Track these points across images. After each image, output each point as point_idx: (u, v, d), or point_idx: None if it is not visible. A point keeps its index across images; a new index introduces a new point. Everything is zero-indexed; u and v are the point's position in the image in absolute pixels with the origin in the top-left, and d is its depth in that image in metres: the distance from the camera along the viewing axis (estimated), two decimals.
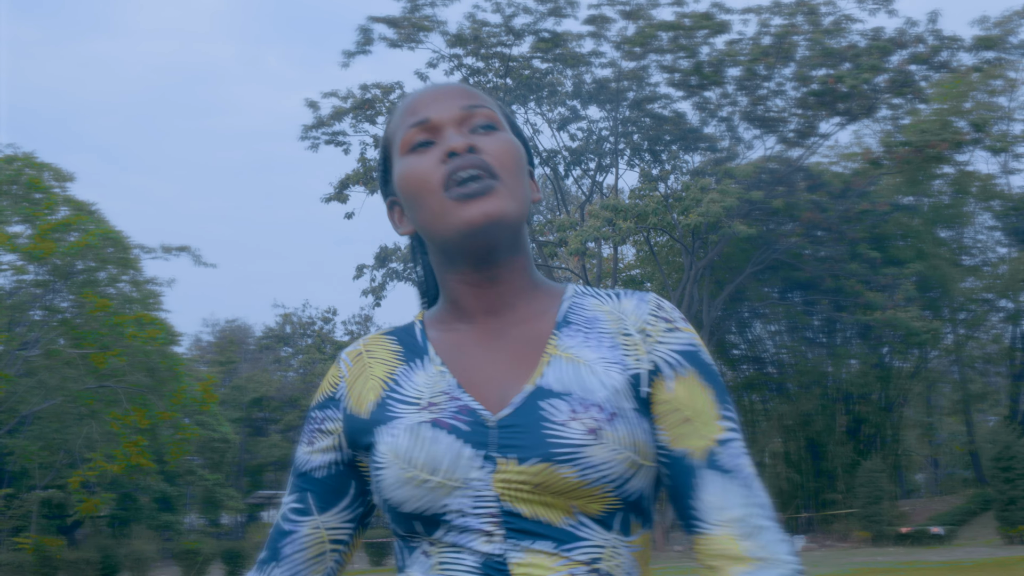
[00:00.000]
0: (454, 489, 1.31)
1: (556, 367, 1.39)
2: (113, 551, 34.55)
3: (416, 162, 1.43)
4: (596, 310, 1.48)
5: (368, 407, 1.42)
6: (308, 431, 1.48)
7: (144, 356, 29.24)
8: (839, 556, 28.92)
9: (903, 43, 30.33)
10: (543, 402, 1.34)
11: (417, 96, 1.49)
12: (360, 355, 1.50)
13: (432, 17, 31.48)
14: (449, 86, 1.49)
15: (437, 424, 1.34)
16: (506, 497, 1.31)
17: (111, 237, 30.01)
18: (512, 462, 1.31)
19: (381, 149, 1.56)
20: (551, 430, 1.31)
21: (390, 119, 1.53)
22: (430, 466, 1.31)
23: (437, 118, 1.45)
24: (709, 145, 33.86)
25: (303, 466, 1.49)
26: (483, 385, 1.39)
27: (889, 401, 39.15)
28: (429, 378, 1.41)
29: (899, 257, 35.05)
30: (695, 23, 30.63)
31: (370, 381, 1.45)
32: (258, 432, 55.45)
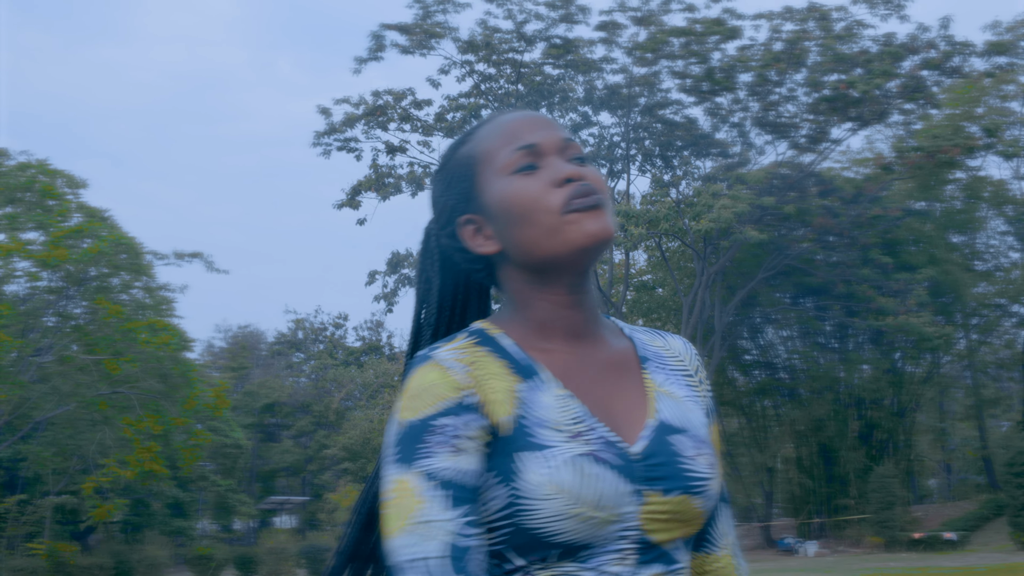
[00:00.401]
0: (610, 523, 1.35)
1: (664, 402, 1.47)
2: (126, 557, 34.65)
3: (525, 184, 1.46)
4: (655, 347, 1.57)
5: (505, 421, 1.38)
6: (444, 440, 1.35)
7: (157, 362, 29.33)
8: (852, 562, 28.89)
9: (915, 48, 30.29)
10: (670, 437, 1.43)
11: (515, 121, 1.52)
12: (472, 364, 1.41)
13: (444, 24, 31.54)
14: (543, 115, 1.54)
15: (596, 458, 1.35)
16: (645, 526, 1.37)
17: (124, 243, 30.10)
18: (657, 494, 1.38)
19: (458, 168, 1.56)
20: (685, 464, 1.41)
21: (470, 140, 1.56)
22: (596, 503, 1.33)
23: (544, 145, 1.49)
24: (721, 151, 33.85)
25: (456, 476, 1.34)
26: (607, 413, 1.42)
27: (901, 406, 39.07)
28: (556, 401, 1.40)
29: (911, 262, 34.98)
30: (707, 29, 30.62)
31: (496, 394, 1.39)
32: (270, 438, 55.54)
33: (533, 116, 1.53)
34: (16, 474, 35.31)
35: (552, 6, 31.36)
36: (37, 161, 30.31)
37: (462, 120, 32.83)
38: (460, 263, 1.59)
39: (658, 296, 40.08)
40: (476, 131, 1.57)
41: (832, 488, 37.55)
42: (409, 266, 33.01)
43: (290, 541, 38.69)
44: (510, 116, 1.54)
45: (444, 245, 1.60)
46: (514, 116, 1.54)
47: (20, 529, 32.83)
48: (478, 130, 1.57)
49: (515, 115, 1.54)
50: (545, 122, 1.52)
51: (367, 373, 56.12)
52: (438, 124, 33.08)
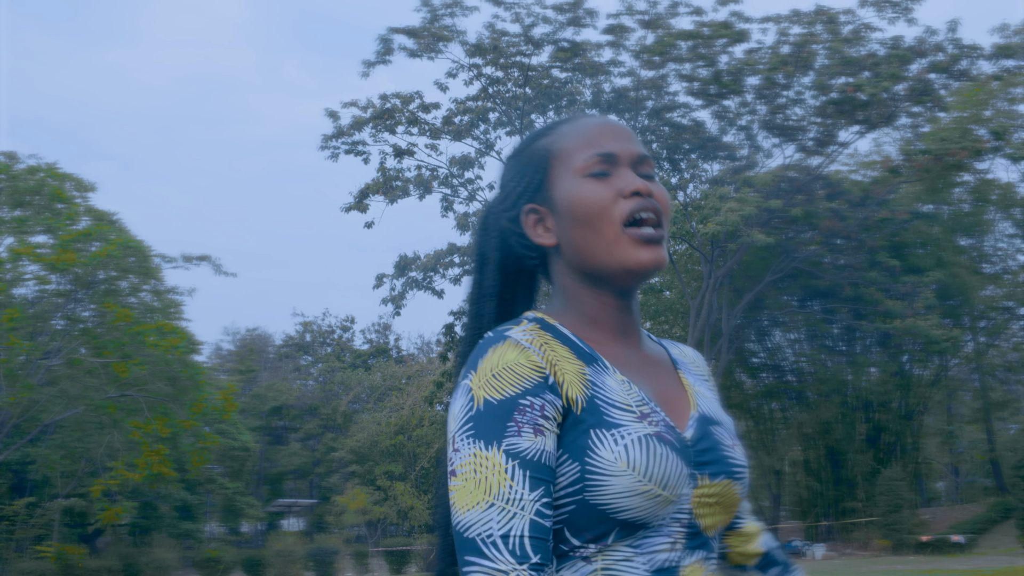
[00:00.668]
0: (671, 503, 1.41)
1: (700, 398, 1.58)
2: (134, 559, 34.71)
3: (595, 188, 1.52)
4: (675, 353, 1.70)
5: (579, 400, 1.41)
6: (528, 420, 1.37)
7: (165, 365, 29.40)
8: (859, 564, 28.88)
9: (923, 52, 30.29)
10: (712, 427, 1.53)
11: (596, 126, 1.58)
12: (544, 346, 1.45)
13: (452, 27, 31.56)
14: (624, 126, 1.60)
15: (662, 439, 1.42)
16: (696, 510, 1.45)
17: (132, 247, 30.18)
18: (706, 478, 1.46)
19: (534, 158, 1.61)
20: (727, 452, 1.52)
21: (550, 133, 1.62)
22: (663, 481, 1.40)
23: (621, 155, 1.55)
24: (728, 154, 33.86)
25: (539, 456, 1.37)
26: (661, 401, 1.50)
27: (909, 409, 39.06)
28: (620, 386, 1.47)
29: (919, 265, 34.97)
30: (714, 32, 30.63)
31: (568, 375, 1.43)
32: (278, 441, 55.61)
33: (615, 125, 1.59)
34: (25, 477, 35.40)
35: (559, 10, 31.38)
36: (46, 165, 30.42)
37: (470, 123, 32.87)
38: (516, 247, 1.64)
39: (665, 299, 40.10)
40: (557, 127, 1.62)
41: (840, 491, 37.55)
42: (416, 269, 33.03)
43: (298, 544, 38.70)
44: (593, 120, 1.59)
45: (504, 227, 1.64)
46: (597, 121, 1.59)
47: (28, 532, 32.94)
48: (559, 126, 1.62)
49: (598, 120, 1.59)
50: (625, 133, 1.58)
51: (374, 376, 56.15)
52: (446, 127, 33.13)
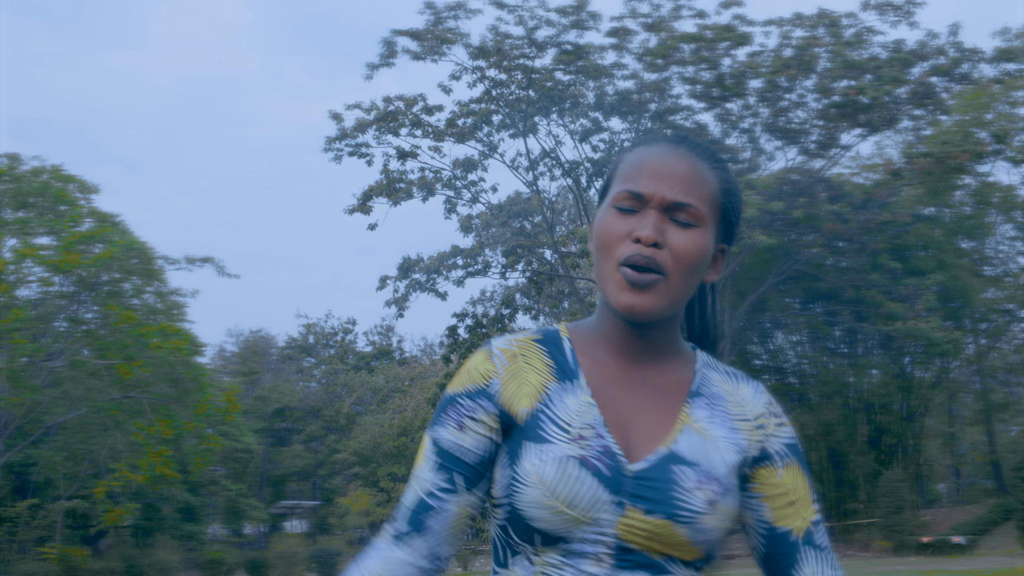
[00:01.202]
0: (584, 523, 1.48)
1: (688, 436, 1.58)
2: (137, 561, 34.76)
3: (614, 222, 1.59)
4: (720, 387, 1.68)
5: (521, 412, 1.56)
6: (456, 416, 1.58)
7: (168, 367, 29.45)
8: (860, 566, 28.93)
9: (924, 55, 30.36)
10: (676, 466, 1.54)
11: (650, 161, 1.61)
12: (515, 356, 1.61)
13: (455, 30, 31.62)
14: (680, 165, 1.60)
15: (584, 463, 1.50)
16: (623, 536, 1.49)
17: (136, 248, 30.24)
18: (639, 512, 1.50)
19: (609, 173, 1.69)
20: (679, 494, 1.51)
21: (631, 152, 1.66)
22: (570, 502, 1.48)
23: (648, 196, 1.58)
24: (731, 156, 33.90)
25: (451, 448, 1.57)
26: (624, 429, 1.55)
27: (911, 411, 39.11)
28: (579, 406, 1.56)
29: (920, 268, 35.03)
30: (717, 35, 30.70)
31: (524, 387, 1.58)
32: (281, 442, 55.66)
33: (667, 164, 1.59)
34: (27, 479, 35.42)
35: (563, 12, 31.44)
36: (50, 166, 30.48)
37: (473, 126, 32.93)
38: None
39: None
40: (634, 147, 1.67)
41: (841, 492, 37.59)
42: (419, 271, 33.10)
43: (301, 545, 38.81)
44: (653, 153, 1.62)
45: None
46: (655, 155, 1.61)
47: (31, 533, 32.95)
48: (635, 147, 1.67)
49: (656, 154, 1.61)
50: (672, 174, 1.58)
51: (377, 378, 56.22)
52: (449, 130, 33.19)
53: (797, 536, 1.62)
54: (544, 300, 41.71)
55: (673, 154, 1.61)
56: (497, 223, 33.22)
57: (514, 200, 33.49)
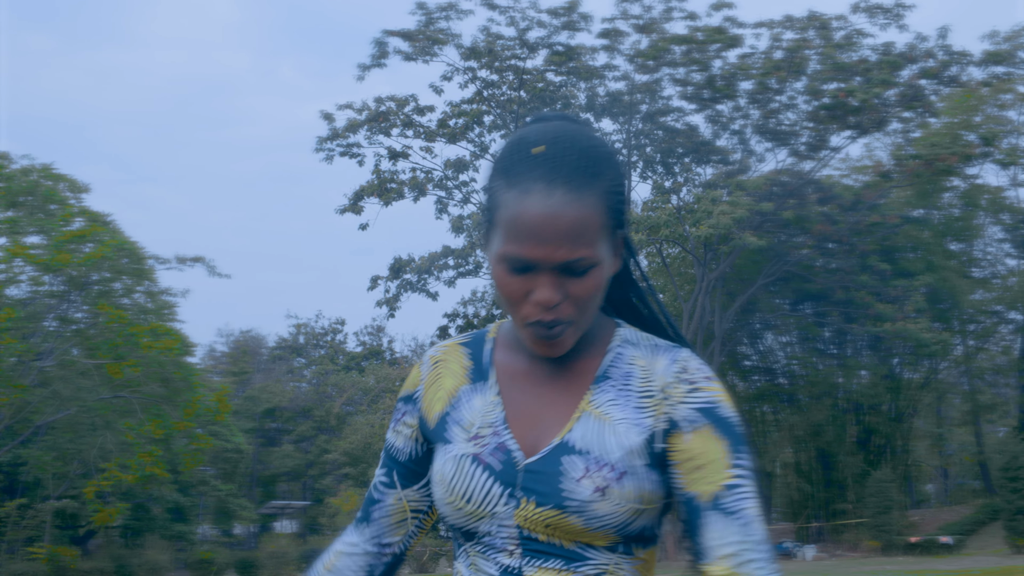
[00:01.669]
0: (482, 517, 1.56)
1: (584, 424, 1.57)
2: (127, 561, 34.69)
3: (509, 282, 1.53)
4: (633, 364, 1.63)
5: (434, 417, 1.66)
6: (394, 418, 1.74)
7: (159, 366, 29.32)
8: (849, 565, 29.05)
9: (913, 58, 30.52)
10: (564, 457, 1.54)
11: (527, 211, 1.48)
12: (438, 363, 1.70)
13: (447, 31, 31.70)
14: (562, 216, 1.47)
15: (477, 459, 1.57)
16: (525, 527, 1.54)
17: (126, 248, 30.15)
18: (532, 504, 1.53)
19: (486, 202, 1.59)
20: (565, 484, 1.52)
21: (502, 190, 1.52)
22: (465, 497, 1.56)
23: (536, 261, 1.49)
24: (721, 158, 34.04)
25: (389, 447, 1.74)
26: (525, 426, 1.59)
27: (899, 412, 39.26)
28: (484, 406, 1.62)
29: (909, 269, 35.18)
30: (708, 37, 30.83)
31: (440, 392, 1.67)
32: (271, 443, 55.60)
33: (549, 219, 1.47)
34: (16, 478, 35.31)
35: (555, 14, 31.54)
36: (40, 165, 30.40)
37: (464, 126, 32.98)
38: None
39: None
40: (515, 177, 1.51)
41: (830, 493, 37.72)
42: (411, 271, 33.13)
43: (291, 545, 38.78)
44: (532, 201, 1.48)
45: None
46: (535, 207, 1.48)
47: (20, 533, 32.85)
48: (516, 179, 1.51)
49: (537, 204, 1.48)
50: (561, 234, 1.47)
51: (368, 378, 56.20)
52: (440, 130, 33.25)
53: (702, 501, 1.55)
54: None
55: (551, 202, 1.47)
56: None
57: None
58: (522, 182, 1.49)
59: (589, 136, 1.55)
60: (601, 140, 1.56)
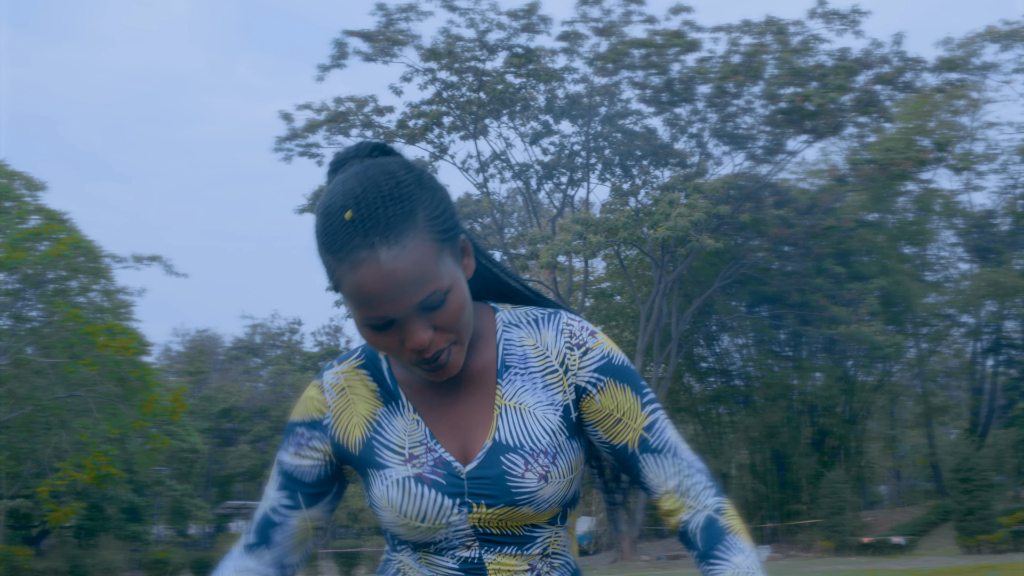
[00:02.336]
0: (438, 530, 1.62)
1: (507, 419, 1.64)
2: (81, 561, 34.46)
3: (379, 339, 1.54)
4: (525, 344, 1.70)
5: (355, 443, 1.66)
6: (294, 442, 1.70)
7: (115, 366, 29.15)
8: (802, 565, 29.28)
9: (869, 64, 30.83)
10: (503, 456, 1.61)
11: (361, 284, 1.48)
12: (344, 390, 1.68)
13: (407, 32, 31.72)
14: (393, 274, 1.47)
15: (421, 479, 1.60)
16: (479, 525, 1.63)
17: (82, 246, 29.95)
18: (483, 506, 1.61)
19: (329, 269, 1.54)
20: (512, 482, 1.60)
21: (334, 254, 1.50)
22: (419, 516, 1.60)
23: (396, 315, 1.50)
24: (679, 161, 34.23)
25: (292, 470, 1.70)
26: (450, 435, 1.65)
27: (853, 413, 39.60)
28: (406, 425, 1.65)
29: (864, 272, 35.51)
30: (666, 41, 31.02)
31: (355, 418, 1.67)
32: (227, 443, 55.33)
33: (384, 283, 1.48)
34: None
35: (514, 16, 31.63)
36: None
37: (424, 127, 33.00)
38: None
39: (616, 303, 40.39)
40: (340, 255, 1.49)
41: (785, 493, 38.00)
42: None
43: None
44: (361, 274, 1.48)
45: None
46: (366, 277, 1.48)
47: None
48: (341, 257, 1.49)
49: (367, 273, 1.48)
50: (395, 288, 1.48)
51: None
52: (400, 131, 33.25)
53: (633, 448, 1.67)
54: None
55: (381, 265, 1.47)
56: None
57: (464, 202, 33.65)
58: (348, 255, 1.48)
59: (390, 173, 1.53)
60: (404, 169, 1.54)
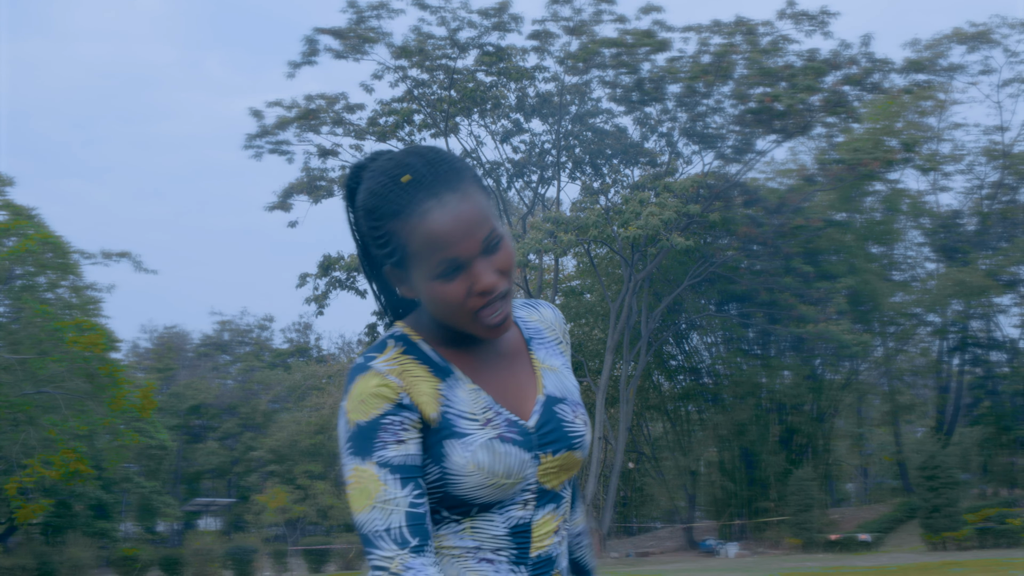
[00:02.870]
0: (516, 483, 1.77)
1: (547, 377, 1.89)
2: (49, 558, 34.26)
3: (447, 289, 1.70)
4: (535, 322, 1.98)
5: (433, 417, 1.73)
6: (390, 434, 1.69)
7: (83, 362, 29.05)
8: (770, 562, 29.51)
9: (837, 64, 31.03)
10: (554, 407, 1.85)
11: (441, 227, 1.67)
12: (402, 373, 1.73)
13: (378, 29, 31.69)
14: (464, 210, 1.69)
15: (503, 439, 1.75)
16: (541, 480, 1.81)
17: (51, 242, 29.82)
18: (549, 455, 1.81)
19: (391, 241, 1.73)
20: (567, 427, 1.84)
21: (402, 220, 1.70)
22: (507, 473, 1.74)
23: (465, 254, 1.69)
24: (649, 160, 34.36)
25: (405, 460, 1.69)
26: (506, 398, 1.82)
27: (821, 412, 39.84)
28: (468, 395, 1.77)
29: (832, 272, 35.74)
30: (637, 40, 31.12)
31: (423, 396, 1.73)
32: (196, 439, 55.12)
33: (459, 213, 1.68)
34: None
35: (485, 14, 31.66)
36: None
37: (394, 125, 33.00)
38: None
39: (586, 301, 40.52)
40: (408, 209, 1.70)
41: (753, 491, 38.20)
42: (340, 269, 33.09)
43: (216, 543, 38.48)
44: (439, 212, 1.68)
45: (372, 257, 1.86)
46: (441, 218, 1.67)
47: None
48: (410, 210, 1.69)
49: (441, 216, 1.67)
50: (469, 221, 1.68)
51: (295, 375, 55.94)
52: (370, 128, 33.25)
53: None
54: None
55: (448, 207, 1.68)
56: None
57: None
58: (415, 209, 1.69)
59: (423, 148, 1.78)
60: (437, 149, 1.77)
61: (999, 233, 40.93)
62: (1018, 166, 40.06)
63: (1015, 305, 41.69)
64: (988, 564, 23.28)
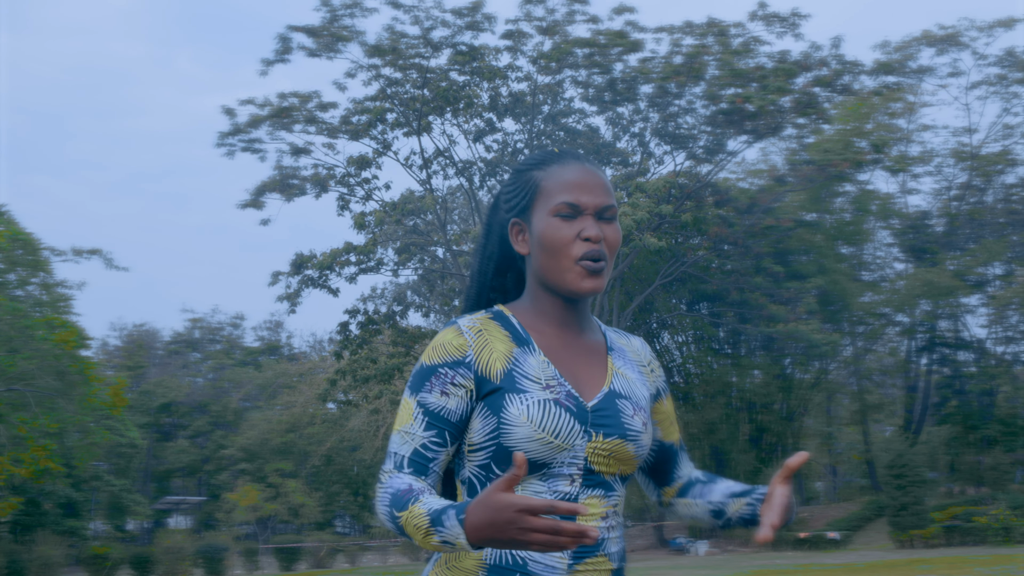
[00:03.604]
0: (564, 449, 1.96)
1: (618, 378, 2.10)
2: (18, 556, 34.09)
3: (561, 227, 2.04)
4: (620, 342, 2.22)
5: (497, 373, 1.98)
6: (438, 383, 1.97)
7: (54, 359, 28.91)
8: (740, 560, 29.72)
9: (808, 66, 31.22)
10: (618, 400, 2.05)
11: (576, 177, 2.06)
12: (481, 332, 2.03)
13: (351, 27, 31.65)
14: (597, 177, 2.08)
15: (559, 403, 1.96)
16: (590, 459, 1.99)
17: (21, 239, 29.67)
18: (600, 436, 2.00)
19: (527, 185, 2.11)
20: (625, 419, 2.04)
21: (544, 167, 2.10)
22: (554, 432, 1.95)
23: (584, 205, 2.05)
24: (621, 159, 34.49)
25: (438, 410, 1.95)
26: (573, 379, 2.04)
27: (791, 411, 40.11)
28: (538, 364, 2.02)
29: (802, 272, 35.99)
30: (609, 41, 31.23)
31: (495, 353, 2.00)
32: (166, 438, 54.94)
33: (590, 178, 2.07)
34: None
35: (459, 14, 31.69)
36: None
37: (367, 123, 32.98)
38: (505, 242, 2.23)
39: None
40: (550, 164, 2.11)
41: None
42: (312, 267, 33.03)
43: (187, 541, 38.38)
44: (575, 170, 2.08)
45: (502, 221, 2.19)
46: (578, 172, 2.08)
47: None
48: (551, 164, 2.11)
49: (579, 171, 2.08)
50: (597, 186, 2.06)
51: (266, 373, 55.82)
52: (343, 127, 33.20)
53: (677, 445, 2.27)
54: (435, 297, 41.92)
55: (588, 169, 2.08)
56: (390, 221, 33.21)
57: (407, 198, 33.63)
58: (559, 163, 2.10)
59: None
60: None
61: (967, 234, 41.33)
62: (986, 168, 40.46)
63: (982, 305, 42.12)
64: (955, 561, 23.56)
